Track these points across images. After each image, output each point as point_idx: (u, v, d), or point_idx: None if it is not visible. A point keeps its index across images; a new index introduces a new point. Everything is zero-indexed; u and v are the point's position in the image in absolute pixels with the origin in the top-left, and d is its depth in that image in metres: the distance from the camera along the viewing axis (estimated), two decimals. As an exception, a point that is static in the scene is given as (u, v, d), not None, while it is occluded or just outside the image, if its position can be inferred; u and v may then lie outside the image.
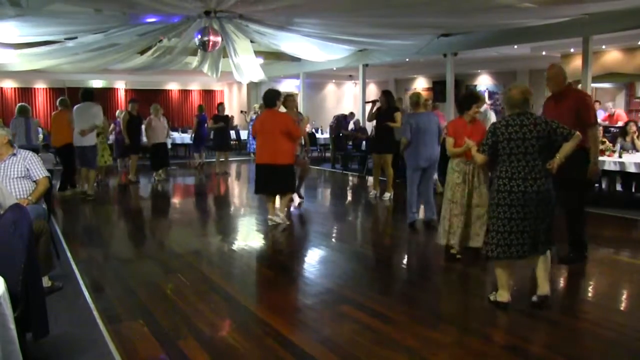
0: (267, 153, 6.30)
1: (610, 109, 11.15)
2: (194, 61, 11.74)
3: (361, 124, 12.95)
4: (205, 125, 12.60)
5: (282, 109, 7.78)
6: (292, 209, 7.63)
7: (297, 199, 8.04)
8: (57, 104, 9.13)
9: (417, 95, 6.34)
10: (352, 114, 14.38)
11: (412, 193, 6.29)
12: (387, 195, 8.31)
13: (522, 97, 3.58)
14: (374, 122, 8.30)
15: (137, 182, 10.27)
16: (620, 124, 9.73)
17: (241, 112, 17.75)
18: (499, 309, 3.74)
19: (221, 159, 11.96)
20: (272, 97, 6.41)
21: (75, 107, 8.57)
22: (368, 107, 9.03)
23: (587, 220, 5.04)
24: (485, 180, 4.89)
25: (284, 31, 8.20)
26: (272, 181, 6.38)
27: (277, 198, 6.76)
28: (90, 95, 8.73)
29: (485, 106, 6.97)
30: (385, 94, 8.10)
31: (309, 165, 8.12)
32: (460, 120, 5.00)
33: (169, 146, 12.76)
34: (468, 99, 5.06)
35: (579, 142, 3.57)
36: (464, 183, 4.86)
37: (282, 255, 5.61)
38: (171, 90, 18.97)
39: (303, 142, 7.65)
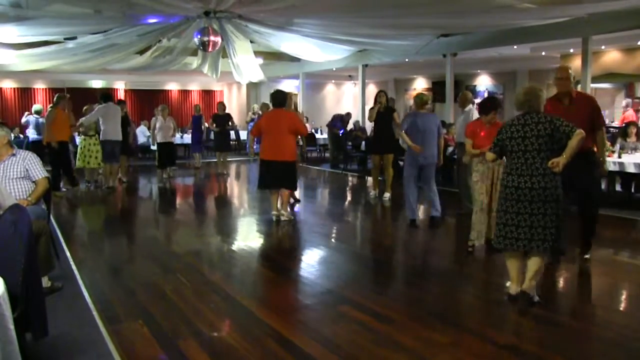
0: (273, 150, 6.58)
1: (627, 108, 11.14)
2: (194, 61, 11.74)
3: (361, 124, 12.96)
4: (204, 125, 12.59)
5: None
6: (296, 208, 7.65)
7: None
8: (55, 100, 8.89)
9: (424, 95, 6.59)
10: (349, 114, 14.32)
11: (410, 191, 6.40)
12: (387, 195, 8.32)
13: (523, 99, 3.75)
14: (373, 123, 8.39)
15: (126, 182, 10.19)
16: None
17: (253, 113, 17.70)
18: (510, 301, 3.85)
19: (221, 160, 11.97)
20: (283, 98, 6.73)
21: (102, 107, 9.20)
22: (368, 107, 9.10)
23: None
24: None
25: (284, 31, 8.20)
26: (277, 177, 6.63)
27: (280, 194, 6.82)
28: (111, 96, 9.89)
29: (470, 106, 7.05)
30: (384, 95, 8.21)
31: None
32: (478, 122, 5.20)
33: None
34: (488, 105, 5.18)
35: (583, 139, 3.60)
36: (483, 182, 5.04)
37: (282, 255, 5.61)
38: (171, 90, 18.95)
39: (301, 142, 7.75)
